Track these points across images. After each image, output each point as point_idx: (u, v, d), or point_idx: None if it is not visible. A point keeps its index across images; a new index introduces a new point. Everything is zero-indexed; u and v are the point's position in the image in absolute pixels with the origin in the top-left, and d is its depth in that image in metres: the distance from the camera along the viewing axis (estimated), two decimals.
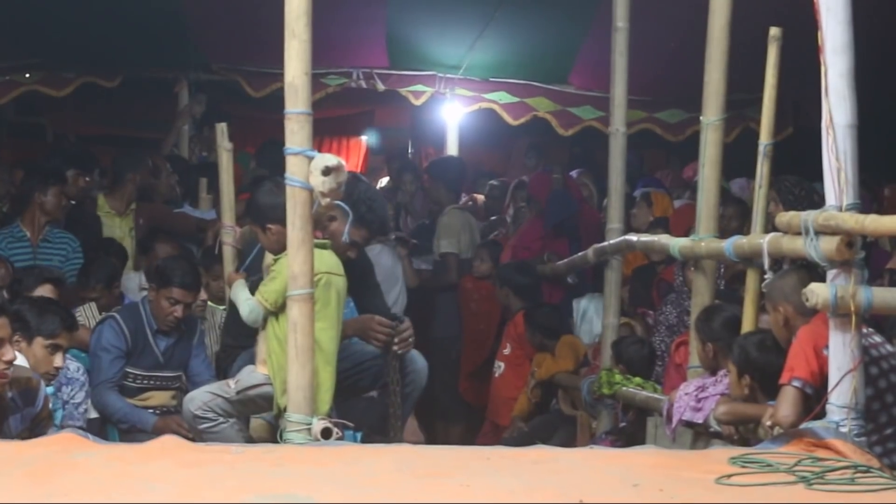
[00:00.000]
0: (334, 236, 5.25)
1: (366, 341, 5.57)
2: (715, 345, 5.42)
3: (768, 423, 4.45)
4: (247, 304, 4.98)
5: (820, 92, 4.02)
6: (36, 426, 4.65)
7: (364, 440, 5.71)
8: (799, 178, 6.07)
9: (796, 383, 4.34)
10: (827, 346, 4.20)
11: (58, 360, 5.18)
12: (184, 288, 6.08)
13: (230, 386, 5.06)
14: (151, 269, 6.48)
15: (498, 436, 7.86)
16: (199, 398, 5.10)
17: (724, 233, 5.87)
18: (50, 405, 4.93)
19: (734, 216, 7.30)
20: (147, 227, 7.82)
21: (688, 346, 6.51)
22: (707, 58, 5.65)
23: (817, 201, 7.03)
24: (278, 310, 4.76)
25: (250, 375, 5.04)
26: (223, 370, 5.76)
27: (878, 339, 4.48)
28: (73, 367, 5.82)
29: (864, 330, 4.24)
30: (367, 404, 6.04)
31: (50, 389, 5.19)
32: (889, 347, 4.49)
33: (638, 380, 6.45)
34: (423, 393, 5.94)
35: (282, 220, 4.84)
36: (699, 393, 5.33)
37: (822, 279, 4.09)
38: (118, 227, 7.86)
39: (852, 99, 3.98)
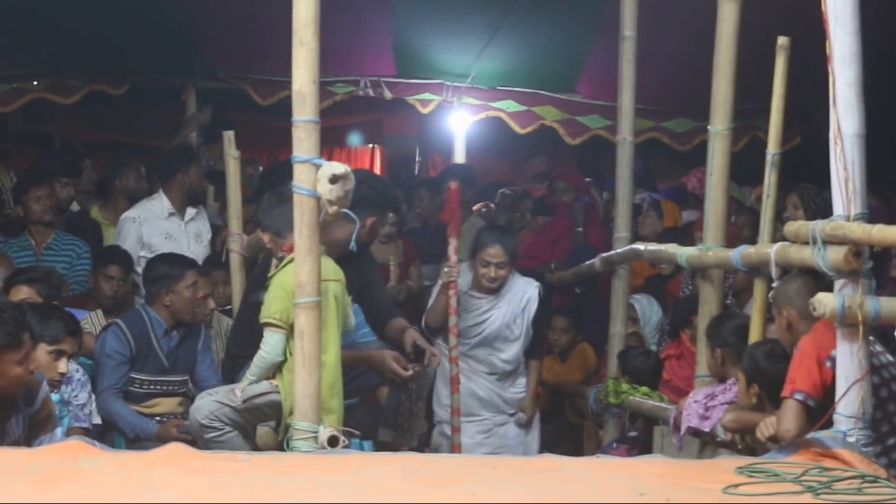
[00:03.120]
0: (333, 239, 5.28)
1: (381, 378, 5.65)
2: (724, 351, 5.41)
3: (765, 436, 4.44)
4: (265, 345, 5.00)
5: (828, 101, 4.01)
6: (34, 425, 4.63)
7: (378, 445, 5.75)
8: (820, 188, 6.04)
9: (798, 396, 4.32)
10: (829, 358, 4.20)
11: (62, 365, 5.16)
12: (190, 268, 6.17)
13: (237, 395, 5.05)
14: (148, 284, 6.32)
15: None
16: (206, 407, 5.08)
17: (738, 241, 5.86)
18: (56, 410, 4.92)
19: (747, 224, 7.30)
20: None
21: (672, 359, 6.53)
22: (715, 67, 5.65)
23: None
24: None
25: (257, 384, 5.04)
26: (229, 380, 5.74)
27: (879, 348, 4.46)
28: (72, 367, 5.79)
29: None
30: (368, 409, 6.06)
31: (56, 397, 5.18)
32: (890, 357, 4.47)
33: (645, 389, 6.44)
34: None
35: (271, 229, 5.25)
36: (708, 401, 5.32)
37: (827, 284, 4.08)
38: (112, 238, 7.85)
39: (860, 108, 3.97)
